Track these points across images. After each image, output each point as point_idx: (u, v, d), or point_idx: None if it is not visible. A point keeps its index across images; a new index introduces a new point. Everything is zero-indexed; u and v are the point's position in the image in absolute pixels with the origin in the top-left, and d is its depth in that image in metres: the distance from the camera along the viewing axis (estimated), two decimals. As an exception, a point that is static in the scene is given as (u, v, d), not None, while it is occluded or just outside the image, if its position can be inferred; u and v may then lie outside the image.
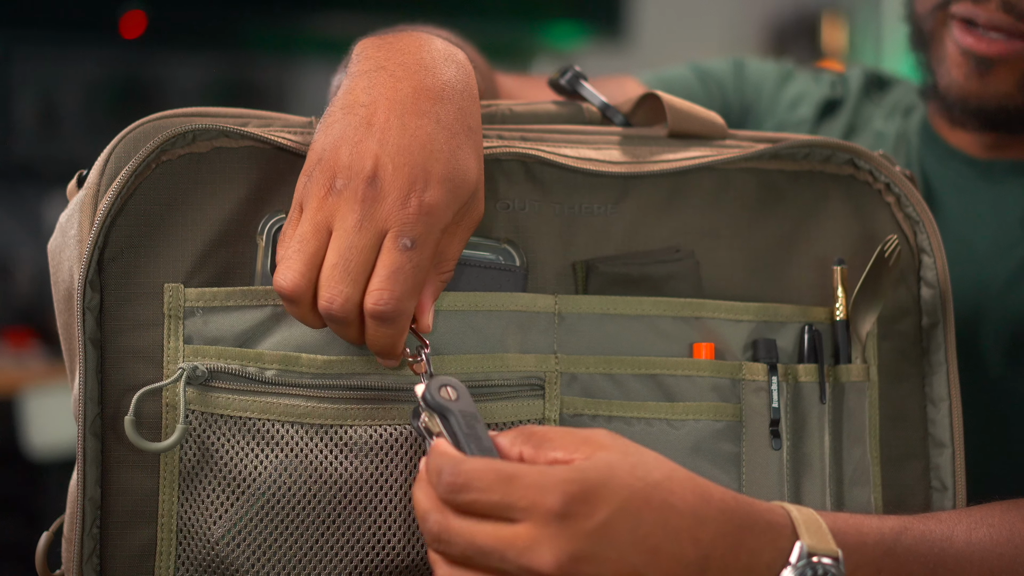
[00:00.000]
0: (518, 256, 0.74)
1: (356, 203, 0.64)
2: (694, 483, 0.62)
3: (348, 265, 0.64)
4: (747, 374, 0.75)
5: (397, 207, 0.64)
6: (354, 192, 0.65)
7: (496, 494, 0.60)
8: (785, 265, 0.78)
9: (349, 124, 0.67)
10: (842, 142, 0.79)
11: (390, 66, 0.70)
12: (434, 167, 0.66)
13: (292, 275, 0.64)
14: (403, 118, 0.66)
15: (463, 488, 0.60)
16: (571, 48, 4.17)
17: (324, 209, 0.65)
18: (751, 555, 0.62)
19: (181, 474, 0.69)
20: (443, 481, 0.61)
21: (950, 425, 0.79)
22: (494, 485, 0.60)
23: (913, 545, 0.68)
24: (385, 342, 0.66)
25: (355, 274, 0.64)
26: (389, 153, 0.65)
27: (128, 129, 0.72)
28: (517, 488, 0.59)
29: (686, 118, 0.80)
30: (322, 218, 0.65)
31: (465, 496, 0.60)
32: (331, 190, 0.65)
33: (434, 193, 0.65)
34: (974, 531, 0.71)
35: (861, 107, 1.09)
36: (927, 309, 0.80)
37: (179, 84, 3.88)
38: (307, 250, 0.65)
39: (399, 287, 0.64)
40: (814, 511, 0.66)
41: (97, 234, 0.69)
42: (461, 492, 0.60)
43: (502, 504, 0.59)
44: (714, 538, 0.61)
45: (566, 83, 0.84)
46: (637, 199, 0.77)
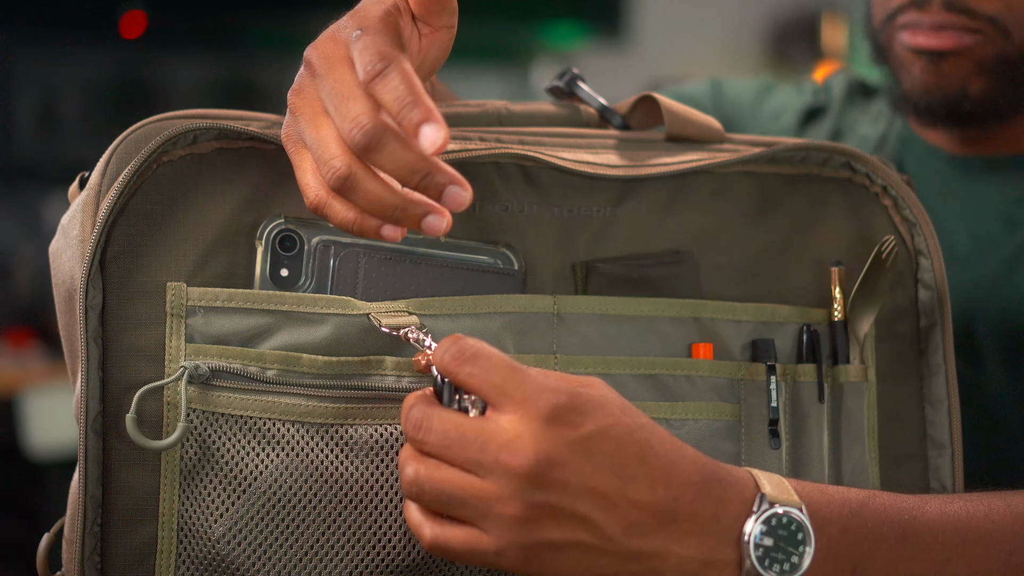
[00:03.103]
0: (516, 260, 0.74)
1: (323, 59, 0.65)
2: (671, 437, 0.65)
3: (342, 94, 0.63)
4: (746, 374, 0.76)
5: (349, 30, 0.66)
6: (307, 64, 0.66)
7: (498, 377, 0.62)
8: (783, 268, 0.79)
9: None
10: (838, 145, 0.80)
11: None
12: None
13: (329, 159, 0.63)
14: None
15: (470, 359, 0.63)
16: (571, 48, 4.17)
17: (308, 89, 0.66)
18: (718, 505, 0.64)
19: (182, 472, 0.69)
20: (449, 352, 0.63)
21: (949, 426, 0.79)
22: (499, 369, 0.62)
23: (881, 510, 0.69)
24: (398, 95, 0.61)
25: (355, 95, 0.63)
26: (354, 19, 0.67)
27: (129, 130, 0.72)
28: (515, 380, 0.62)
29: (683, 122, 0.80)
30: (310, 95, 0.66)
31: (468, 368, 0.62)
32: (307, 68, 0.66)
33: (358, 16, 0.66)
34: (948, 504, 0.71)
35: (845, 113, 1.10)
36: (925, 311, 0.80)
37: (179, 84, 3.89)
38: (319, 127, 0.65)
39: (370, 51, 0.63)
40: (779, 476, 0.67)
41: (99, 233, 0.69)
42: (466, 364, 0.63)
43: (500, 388, 0.62)
44: (684, 485, 0.63)
45: (564, 85, 0.84)
46: (635, 202, 0.77)
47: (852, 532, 0.67)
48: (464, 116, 0.79)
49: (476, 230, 0.74)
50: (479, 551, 0.62)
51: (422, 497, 0.62)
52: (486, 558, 0.62)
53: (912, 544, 0.68)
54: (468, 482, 0.61)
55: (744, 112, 1.14)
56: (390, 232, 0.65)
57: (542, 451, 0.61)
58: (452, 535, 0.62)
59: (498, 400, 0.62)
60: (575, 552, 0.62)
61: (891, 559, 0.68)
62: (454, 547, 0.62)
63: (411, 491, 0.63)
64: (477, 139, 0.76)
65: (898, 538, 0.68)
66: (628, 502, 0.62)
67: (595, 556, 0.62)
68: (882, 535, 0.68)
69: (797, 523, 0.64)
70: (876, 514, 0.68)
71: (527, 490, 0.61)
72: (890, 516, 0.69)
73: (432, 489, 0.62)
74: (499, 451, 0.61)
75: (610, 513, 0.62)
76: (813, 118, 1.11)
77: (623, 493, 0.62)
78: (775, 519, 0.64)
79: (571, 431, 0.61)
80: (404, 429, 0.64)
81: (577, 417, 0.62)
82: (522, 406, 0.62)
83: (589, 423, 0.62)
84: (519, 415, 0.61)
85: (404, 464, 0.63)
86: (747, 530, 0.64)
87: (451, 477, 0.62)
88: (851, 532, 0.67)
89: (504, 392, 0.62)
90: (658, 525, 0.62)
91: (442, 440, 0.62)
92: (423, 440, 0.62)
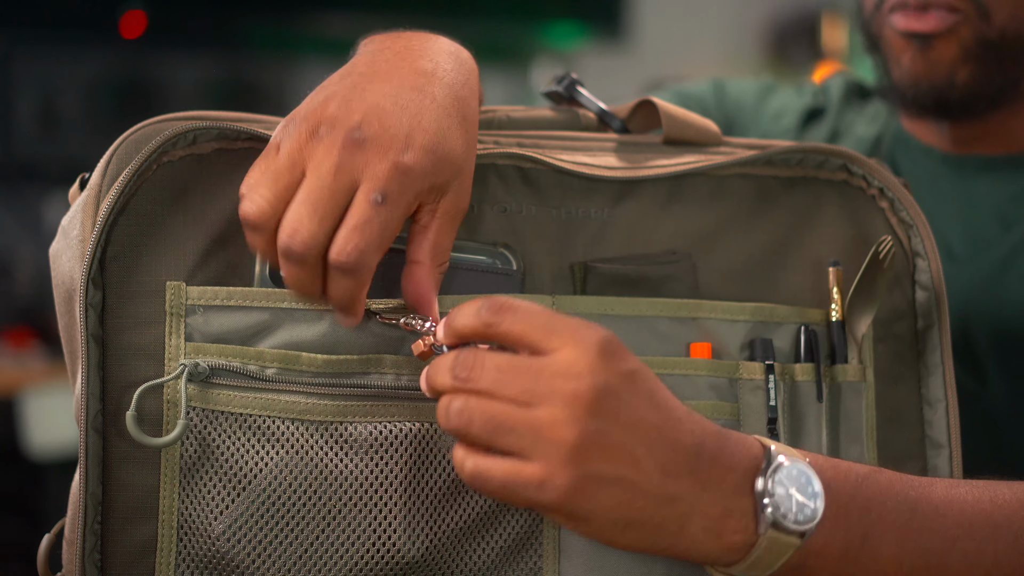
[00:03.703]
0: (514, 260, 0.74)
1: (335, 149, 0.65)
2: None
3: (317, 204, 0.64)
4: (744, 373, 0.76)
5: (375, 160, 0.65)
6: (335, 139, 0.65)
7: (541, 318, 0.63)
8: (780, 268, 0.79)
9: (343, 85, 0.68)
10: (834, 147, 0.80)
11: (395, 47, 0.71)
12: (418, 136, 0.66)
13: (260, 201, 0.65)
14: (398, 89, 0.68)
15: (508, 309, 0.63)
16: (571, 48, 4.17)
17: (303, 151, 0.65)
18: (732, 456, 0.65)
19: (182, 470, 0.69)
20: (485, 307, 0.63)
21: (947, 426, 0.79)
22: (540, 312, 0.63)
23: (887, 484, 0.69)
24: (345, 295, 0.66)
25: (322, 213, 0.64)
26: (377, 113, 0.66)
27: (129, 131, 0.72)
28: (558, 319, 0.63)
29: (681, 125, 0.81)
30: (300, 158, 0.65)
31: (508, 316, 0.63)
32: (313, 135, 0.66)
33: (413, 156, 0.66)
34: (954, 487, 0.72)
35: (843, 114, 1.11)
36: (922, 312, 0.80)
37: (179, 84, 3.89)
38: (280, 182, 0.65)
39: (364, 239, 0.64)
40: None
41: (99, 233, 0.69)
42: (505, 313, 0.63)
43: (546, 327, 0.63)
44: (705, 432, 0.64)
45: (563, 90, 0.85)
46: (633, 203, 0.77)
47: (860, 498, 0.67)
48: None
49: (475, 231, 0.74)
50: (522, 481, 0.61)
51: (470, 428, 0.62)
52: (527, 491, 0.61)
53: (920, 519, 0.69)
54: (520, 411, 0.61)
55: (746, 112, 1.15)
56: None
57: (599, 379, 0.61)
58: (495, 465, 0.62)
59: (545, 339, 0.62)
60: (616, 489, 0.62)
61: (900, 530, 0.68)
62: (495, 477, 0.62)
63: (460, 421, 0.62)
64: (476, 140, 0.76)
65: (906, 511, 0.68)
66: (666, 441, 0.63)
67: (633, 496, 0.62)
68: (889, 507, 0.68)
69: (806, 475, 0.65)
70: (882, 486, 0.69)
71: (583, 417, 0.61)
72: (896, 489, 0.69)
73: (482, 417, 0.61)
74: (555, 378, 0.61)
75: (651, 451, 0.62)
76: (813, 119, 1.12)
77: (662, 432, 0.63)
78: (784, 470, 0.64)
79: (621, 364, 0.62)
80: (452, 371, 0.63)
81: (622, 352, 0.63)
82: (572, 339, 0.62)
83: (631, 360, 0.63)
84: (571, 347, 0.62)
85: (452, 400, 0.63)
86: (759, 481, 0.64)
87: (503, 407, 0.61)
88: (859, 498, 0.67)
89: (551, 329, 0.62)
90: (688, 469, 0.63)
91: (495, 375, 0.62)
92: (475, 377, 0.62)
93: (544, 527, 0.72)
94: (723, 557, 0.64)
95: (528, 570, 0.72)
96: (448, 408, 0.63)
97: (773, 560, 0.64)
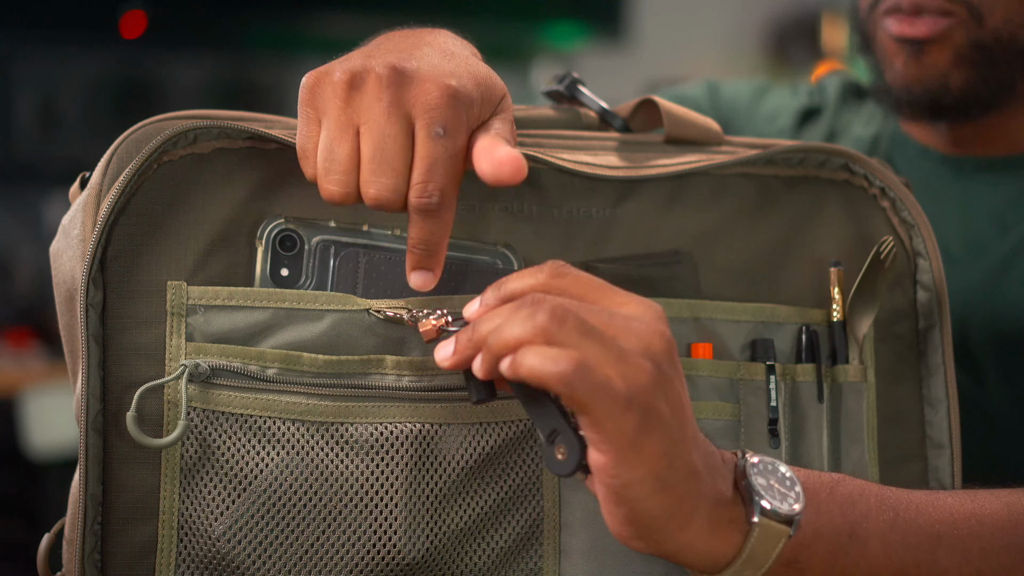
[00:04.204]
0: (516, 260, 0.74)
1: (382, 90, 0.64)
2: None
3: (385, 156, 0.64)
4: (745, 374, 0.76)
5: (424, 90, 0.64)
6: (378, 80, 0.64)
7: (601, 280, 0.63)
8: (782, 269, 0.79)
9: (361, 52, 0.68)
10: (837, 146, 0.80)
11: (404, 32, 0.72)
12: (460, 68, 0.66)
13: (335, 187, 0.65)
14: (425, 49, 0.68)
15: (568, 269, 0.63)
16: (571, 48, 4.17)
17: (348, 109, 0.65)
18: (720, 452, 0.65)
19: (182, 471, 0.69)
20: (547, 267, 0.63)
21: (948, 427, 0.79)
22: (598, 278, 0.63)
23: (867, 486, 0.69)
24: (431, 238, 0.66)
25: (394, 163, 0.64)
26: (412, 54, 0.66)
27: (130, 131, 0.72)
28: (617, 287, 0.63)
29: (683, 124, 0.81)
30: (347, 118, 0.65)
31: (573, 273, 0.63)
32: (354, 88, 0.65)
33: (460, 81, 0.65)
34: (935, 493, 0.72)
35: (840, 114, 1.11)
36: (923, 312, 0.80)
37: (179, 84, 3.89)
38: (340, 154, 0.65)
39: (440, 177, 0.64)
40: None
41: (100, 233, 0.69)
42: (567, 270, 0.63)
43: (608, 288, 0.63)
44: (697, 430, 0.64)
45: (564, 89, 0.85)
46: (634, 203, 0.77)
47: (839, 495, 0.67)
48: None
49: (476, 230, 0.74)
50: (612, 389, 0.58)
51: (563, 325, 0.59)
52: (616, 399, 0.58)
53: (904, 517, 0.69)
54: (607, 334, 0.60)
55: (740, 113, 1.14)
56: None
57: (667, 332, 0.61)
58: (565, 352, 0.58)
59: (609, 296, 0.62)
60: (667, 440, 0.60)
61: (885, 527, 0.68)
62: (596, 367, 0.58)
63: (552, 318, 0.59)
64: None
65: (889, 510, 0.68)
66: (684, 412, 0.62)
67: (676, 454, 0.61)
68: (872, 504, 0.68)
69: (777, 467, 0.65)
70: (861, 487, 0.69)
71: (659, 354, 0.60)
72: (874, 492, 0.69)
73: (576, 318, 0.59)
74: (630, 320, 0.61)
75: (691, 416, 0.62)
76: (809, 119, 1.12)
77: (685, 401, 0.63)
78: (761, 465, 0.65)
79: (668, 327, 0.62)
80: (538, 275, 0.62)
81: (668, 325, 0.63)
82: (634, 299, 0.62)
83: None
84: (635, 304, 0.62)
85: (544, 298, 0.60)
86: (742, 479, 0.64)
87: (596, 313, 0.61)
88: (838, 495, 0.67)
89: (615, 291, 0.62)
90: (703, 449, 0.63)
91: (571, 301, 0.61)
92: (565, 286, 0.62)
93: (544, 528, 0.72)
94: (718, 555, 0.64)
95: (528, 571, 0.72)
96: (540, 303, 0.59)
97: (766, 553, 0.64)
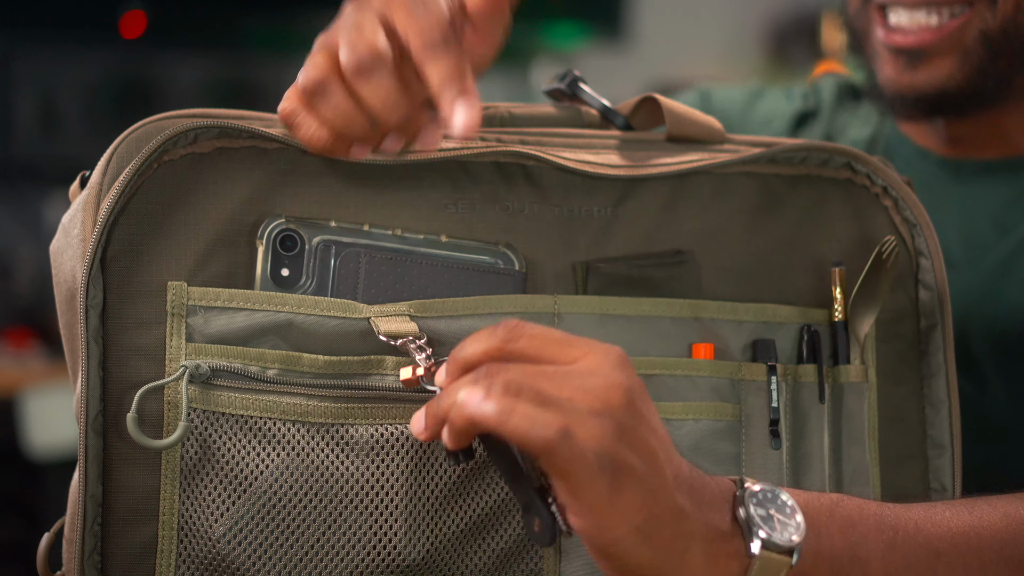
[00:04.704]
0: (517, 260, 0.74)
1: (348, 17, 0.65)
2: None
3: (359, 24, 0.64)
4: (746, 374, 0.76)
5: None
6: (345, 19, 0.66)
7: (556, 334, 0.63)
8: (784, 268, 0.79)
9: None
10: (839, 145, 0.80)
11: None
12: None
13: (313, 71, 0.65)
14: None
15: (524, 328, 0.62)
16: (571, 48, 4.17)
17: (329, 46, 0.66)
18: (715, 485, 0.65)
19: (182, 472, 0.69)
20: (500, 328, 0.63)
21: (949, 427, 0.79)
22: (553, 331, 0.63)
23: (864, 505, 0.69)
24: (449, 71, 0.63)
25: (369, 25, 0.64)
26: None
27: (130, 130, 0.72)
28: (572, 337, 0.63)
29: (684, 122, 0.80)
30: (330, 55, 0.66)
31: (524, 337, 0.62)
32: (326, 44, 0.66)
33: None
34: (932, 507, 0.72)
35: (835, 116, 1.10)
36: (925, 312, 0.80)
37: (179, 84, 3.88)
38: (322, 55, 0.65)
39: (423, 17, 0.63)
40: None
41: (100, 233, 0.69)
42: (521, 333, 0.62)
43: (564, 341, 0.62)
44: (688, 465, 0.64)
45: (565, 87, 0.84)
46: (636, 202, 0.77)
47: (838, 518, 0.67)
48: None
49: (477, 229, 0.74)
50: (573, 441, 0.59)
51: (520, 394, 0.59)
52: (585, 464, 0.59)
53: (903, 535, 0.69)
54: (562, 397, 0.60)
55: (733, 119, 1.14)
56: (356, 151, 0.66)
57: (626, 379, 0.61)
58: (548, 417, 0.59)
59: (565, 351, 0.62)
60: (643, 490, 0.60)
61: (884, 546, 0.68)
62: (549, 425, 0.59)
63: (508, 391, 0.59)
64: (478, 138, 0.76)
65: (888, 529, 0.68)
66: (672, 457, 0.63)
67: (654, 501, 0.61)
68: (870, 524, 0.68)
69: (779, 496, 0.65)
70: (859, 507, 0.69)
71: (618, 408, 0.60)
72: (872, 511, 0.69)
73: (531, 390, 0.59)
74: (584, 377, 0.61)
75: (668, 458, 0.62)
76: (804, 123, 1.11)
77: (669, 447, 0.63)
78: (759, 494, 0.65)
79: (635, 375, 0.62)
80: (491, 339, 0.62)
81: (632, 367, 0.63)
82: (591, 348, 0.62)
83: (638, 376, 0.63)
84: (591, 355, 0.62)
85: (492, 382, 0.60)
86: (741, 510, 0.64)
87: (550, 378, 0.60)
88: (837, 518, 0.67)
89: (569, 343, 0.62)
90: (688, 486, 0.63)
91: (524, 369, 0.61)
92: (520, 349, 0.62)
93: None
94: None
95: (528, 572, 0.72)
96: (495, 375, 0.60)
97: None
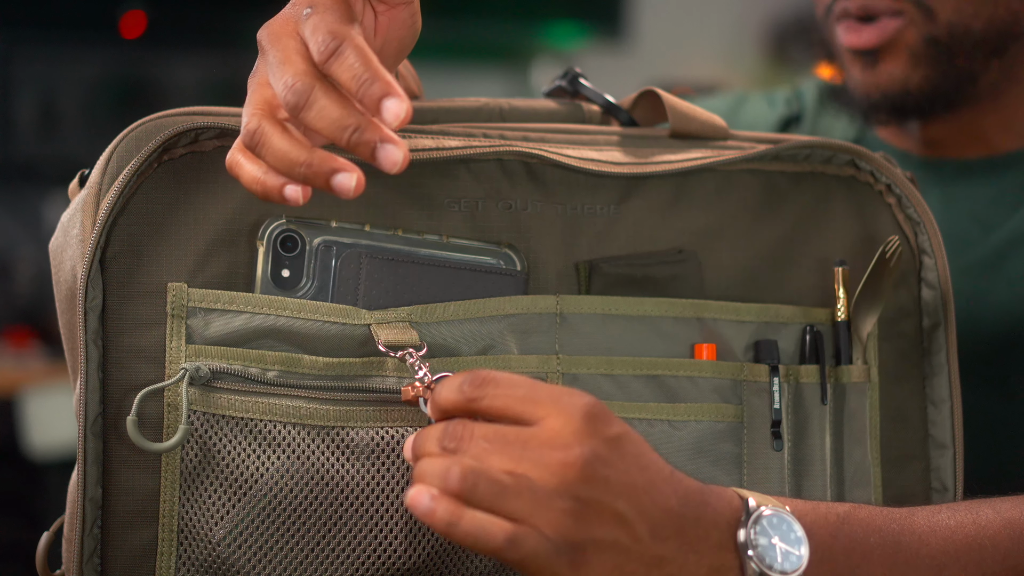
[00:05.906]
0: (519, 260, 0.74)
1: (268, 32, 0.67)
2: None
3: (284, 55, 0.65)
4: (748, 375, 0.75)
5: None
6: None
7: (522, 389, 0.62)
8: (787, 266, 0.78)
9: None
10: (843, 143, 0.80)
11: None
12: None
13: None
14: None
15: (490, 382, 0.62)
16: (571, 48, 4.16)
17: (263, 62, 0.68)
18: (714, 512, 0.64)
19: (183, 475, 0.69)
20: (467, 382, 0.63)
21: (951, 427, 0.79)
22: (522, 382, 0.63)
23: (868, 519, 0.69)
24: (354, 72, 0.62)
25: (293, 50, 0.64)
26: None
27: (130, 128, 0.72)
28: (541, 388, 0.62)
29: (687, 118, 0.80)
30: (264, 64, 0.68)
31: (491, 389, 0.62)
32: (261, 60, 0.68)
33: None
34: (936, 514, 0.71)
35: (819, 120, 1.10)
36: (928, 310, 0.80)
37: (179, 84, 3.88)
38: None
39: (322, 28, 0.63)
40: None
41: (99, 233, 0.69)
42: (487, 386, 0.62)
43: (528, 398, 0.62)
44: (687, 492, 0.64)
45: (567, 84, 0.84)
46: (640, 200, 0.77)
47: (843, 538, 0.67)
48: (464, 111, 0.79)
49: (479, 228, 0.74)
50: (521, 544, 0.60)
51: (475, 492, 0.60)
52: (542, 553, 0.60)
53: (905, 551, 0.68)
54: (515, 481, 0.60)
55: None
56: (291, 193, 0.63)
57: (586, 448, 0.61)
58: (495, 525, 0.60)
59: (529, 410, 0.62)
60: (611, 554, 0.61)
61: (886, 566, 0.67)
62: (496, 538, 0.60)
63: (464, 484, 0.60)
64: (481, 136, 0.76)
65: (891, 545, 0.68)
66: (654, 504, 0.62)
67: (627, 560, 0.61)
68: (873, 543, 0.68)
69: (787, 522, 0.65)
70: (864, 522, 0.68)
71: (574, 486, 0.60)
72: (878, 524, 0.69)
73: (487, 481, 0.60)
74: (542, 449, 0.61)
75: (641, 514, 0.62)
76: (788, 128, 1.11)
77: (649, 494, 0.62)
78: (765, 520, 0.64)
79: (606, 429, 0.62)
80: (441, 443, 0.62)
81: (607, 417, 0.62)
82: (556, 408, 0.62)
83: (616, 424, 0.62)
84: (554, 416, 0.61)
85: (450, 466, 0.61)
86: (741, 534, 0.64)
87: (503, 474, 0.60)
88: (842, 538, 0.67)
89: (534, 400, 0.62)
90: (675, 531, 0.62)
91: (483, 446, 0.61)
92: (464, 449, 0.62)
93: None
94: None
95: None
96: (448, 474, 0.61)
97: None
